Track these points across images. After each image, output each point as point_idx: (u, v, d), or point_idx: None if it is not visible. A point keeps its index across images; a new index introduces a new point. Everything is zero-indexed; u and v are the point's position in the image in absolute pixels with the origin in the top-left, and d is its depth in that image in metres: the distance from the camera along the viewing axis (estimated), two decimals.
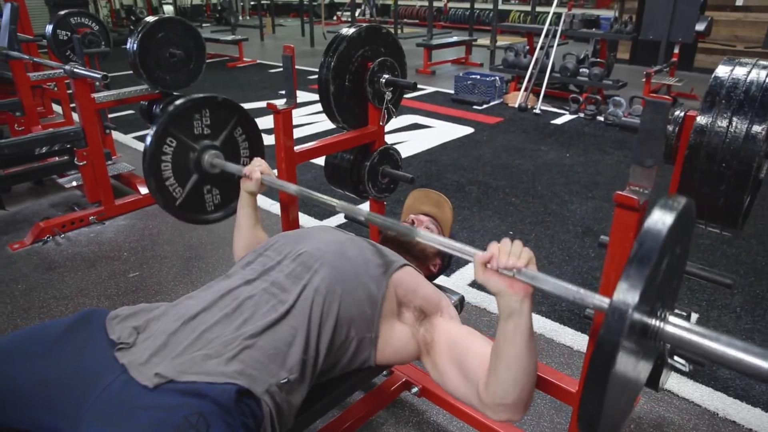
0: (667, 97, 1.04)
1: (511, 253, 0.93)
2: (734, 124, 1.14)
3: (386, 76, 1.88)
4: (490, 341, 1.11)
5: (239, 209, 1.54)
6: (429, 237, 1.09)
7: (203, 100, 1.65)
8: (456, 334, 1.18)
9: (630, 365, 0.82)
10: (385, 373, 1.80)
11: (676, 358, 1.42)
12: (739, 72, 1.17)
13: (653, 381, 1.62)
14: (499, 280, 0.94)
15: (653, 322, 0.79)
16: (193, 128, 1.64)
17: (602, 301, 0.83)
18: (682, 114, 1.31)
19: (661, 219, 0.76)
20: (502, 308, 0.97)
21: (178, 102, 1.61)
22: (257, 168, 1.48)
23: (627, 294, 0.72)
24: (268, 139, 1.73)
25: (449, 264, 1.58)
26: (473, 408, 1.11)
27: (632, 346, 0.78)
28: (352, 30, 1.83)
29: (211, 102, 1.66)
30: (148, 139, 1.57)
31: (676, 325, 0.79)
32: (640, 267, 0.73)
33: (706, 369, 1.94)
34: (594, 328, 1.10)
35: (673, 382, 1.89)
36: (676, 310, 1.60)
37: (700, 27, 5.19)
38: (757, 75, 1.14)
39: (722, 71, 1.20)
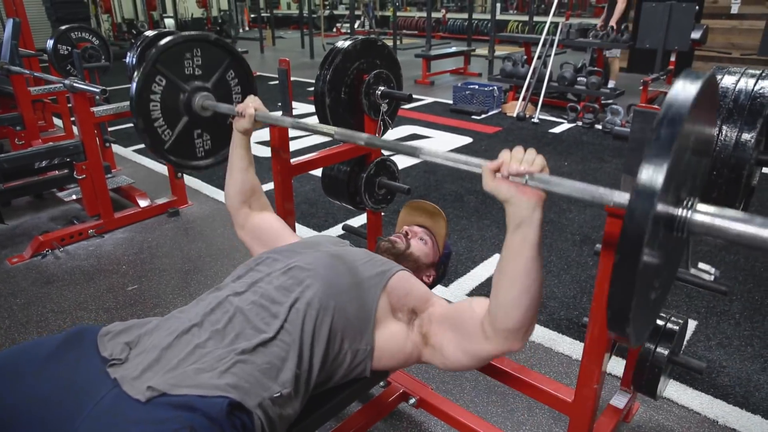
0: (656, 107, 1.06)
1: (524, 159, 0.90)
2: (724, 132, 1.15)
3: (382, 88, 1.89)
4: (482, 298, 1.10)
5: (231, 150, 1.49)
6: (433, 153, 1.05)
7: (196, 37, 1.56)
8: (448, 308, 1.19)
9: (657, 258, 0.74)
10: (382, 384, 1.80)
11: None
12: (728, 81, 1.18)
13: (651, 389, 1.61)
14: (510, 186, 0.91)
15: (680, 211, 0.71)
16: (184, 68, 1.56)
17: (623, 197, 0.77)
18: None
19: (684, 90, 0.66)
20: (511, 217, 0.94)
21: (168, 38, 1.52)
22: (251, 104, 1.43)
23: (651, 177, 0.63)
24: (264, 152, 1.73)
25: (444, 275, 1.58)
26: (478, 353, 1.08)
27: (658, 238, 0.70)
28: (347, 43, 1.85)
29: (203, 40, 1.58)
30: (136, 76, 1.49)
31: (706, 213, 0.69)
32: (664, 146, 0.63)
33: (705, 376, 1.93)
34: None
35: (672, 389, 1.88)
36: (672, 315, 1.60)
37: (695, 35, 5.23)
38: (746, 84, 1.15)
39: None
